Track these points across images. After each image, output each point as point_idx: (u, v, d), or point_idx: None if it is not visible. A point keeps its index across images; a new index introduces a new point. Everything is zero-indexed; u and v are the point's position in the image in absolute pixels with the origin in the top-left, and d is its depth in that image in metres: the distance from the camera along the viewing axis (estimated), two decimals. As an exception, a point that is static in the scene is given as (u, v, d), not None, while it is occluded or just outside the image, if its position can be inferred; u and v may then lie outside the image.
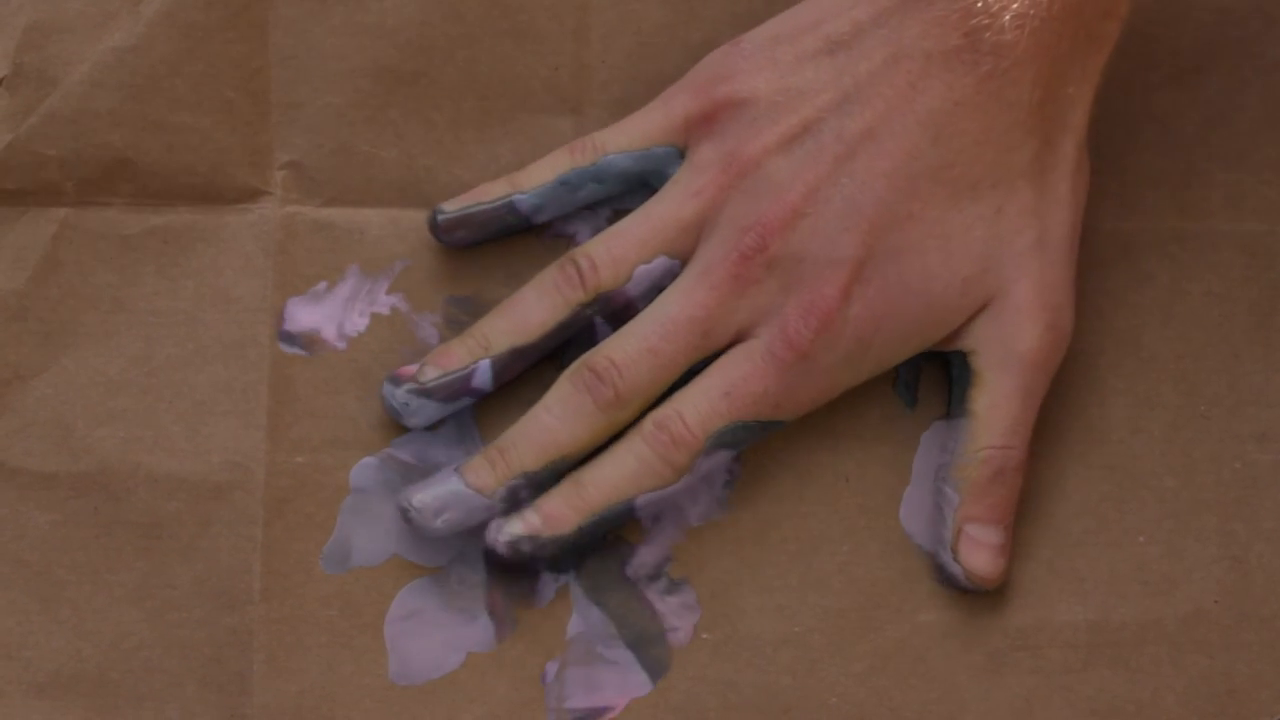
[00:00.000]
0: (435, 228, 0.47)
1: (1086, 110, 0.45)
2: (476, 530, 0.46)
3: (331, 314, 0.48)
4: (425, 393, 0.46)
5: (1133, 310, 0.48)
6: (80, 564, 0.46)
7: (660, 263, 0.46)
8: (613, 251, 0.46)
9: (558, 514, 0.45)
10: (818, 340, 0.44)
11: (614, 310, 0.46)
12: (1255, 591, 0.47)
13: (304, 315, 0.48)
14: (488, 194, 0.47)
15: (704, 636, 0.47)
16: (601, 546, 0.47)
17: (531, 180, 0.47)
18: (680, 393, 0.45)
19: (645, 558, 0.47)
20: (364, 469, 0.47)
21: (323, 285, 0.48)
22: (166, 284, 0.48)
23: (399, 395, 0.46)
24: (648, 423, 0.45)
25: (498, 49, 0.48)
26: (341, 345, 0.48)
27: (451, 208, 0.47)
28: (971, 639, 0.47)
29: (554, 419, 0.45)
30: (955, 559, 0.45)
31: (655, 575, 0.47)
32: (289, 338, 0.47)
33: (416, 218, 0.48)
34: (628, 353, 0.45)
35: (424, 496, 0.45)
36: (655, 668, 0.47)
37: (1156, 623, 0.47)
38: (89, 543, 0.46)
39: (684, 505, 0.47)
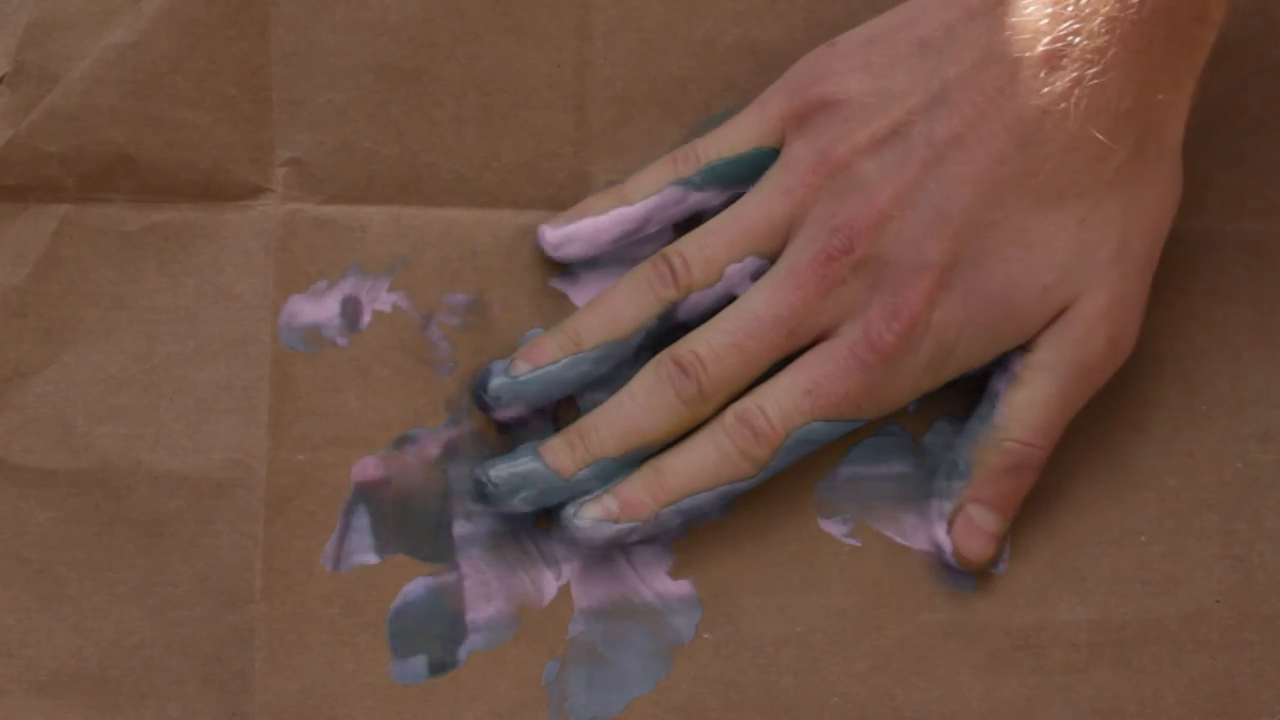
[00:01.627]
0: (545, 245, 0.47)
1: (1179, 119, 0.45)
2: (552, 508, 0.46)
3: (333, 311, 0.47)
4: (517, 386, 0.46)
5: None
6: (81, 562, 0.46)
7: (750, 261, 0.46)
8: (705, 250, 0.46)
9: (635, 500, 0.45)
10: (900, 343, 0.44)
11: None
12: (1257, 591, 0.47)
13: (305, 312, 0.47)
14: (594, 208, 0.47)
15: (705, 636, 0.47)
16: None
17: (638, 192, 0.47)
18: (763, 387, 0.45)
19: (647, 557, 0.47)
20: (365, 467, 0.47)
21: (324, 283, 0.48)
22: (167, 281, 0.47)
23: (491, 387, 0.46)
24: (729, 415, 0.45)
25: (500, 46, 0.48)
26: (343, 343, 0.47)
27: (561, 223, 0.47)
28: (973, 638, 0.47)
29: (637, 407, 0.46)
30: (949, 533, 0.45)
31: (657, 574, 0.47)
32: (290, 335, 0.47)
33: (418, 215, 0.48)
34: (713, 347, 0.45)
35: (502, 472, 0.46)
36: (657, 667, 0.47)
37: (1158, 622, 0.47)
38: (90, 540, 0.46)
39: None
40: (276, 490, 0.47)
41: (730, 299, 0.46)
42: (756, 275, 0.46)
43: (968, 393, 0.47)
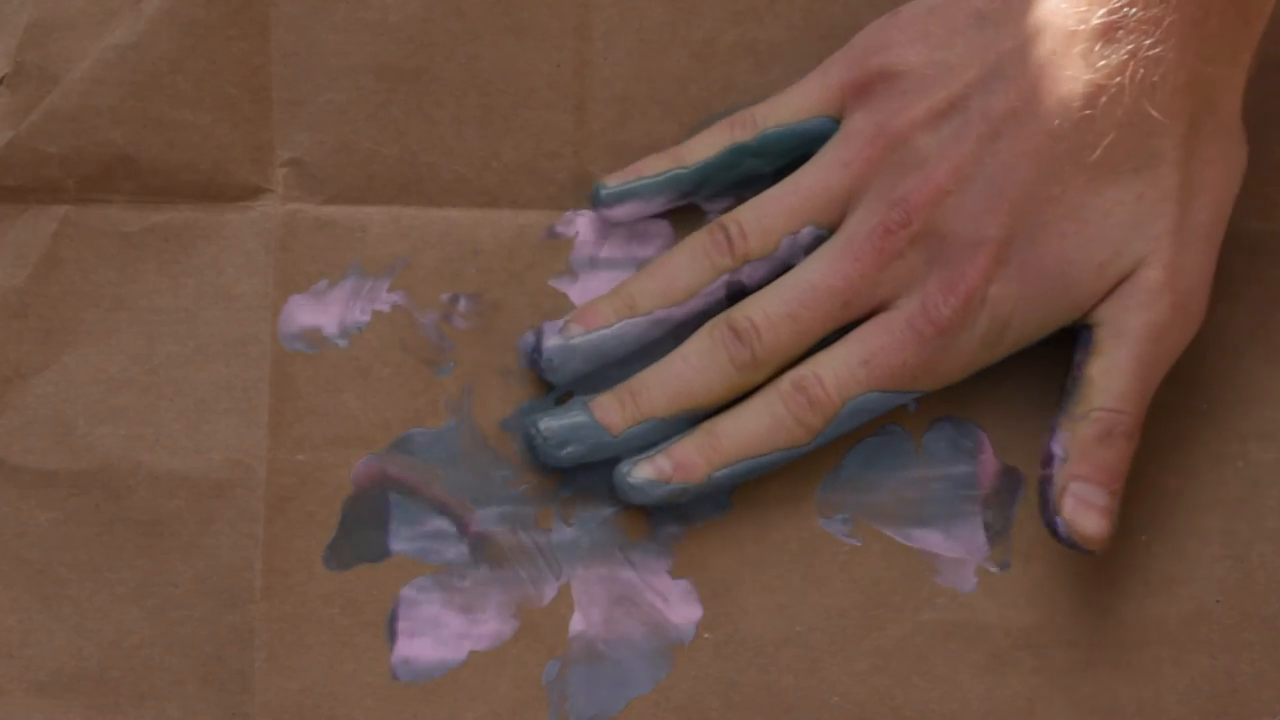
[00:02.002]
0: (598, 202, 0.47)
1: (1236, 92, 0.45)
2: (598, 464, 0.46)
3: (333, 311, 0.48)
4: (569, 349, 0.46)
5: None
6: (81, 562, 0.46)
7: (807, 232, 0.46)
8: (762, 220, 0.46)
9: (689, 462, 0.46)
10: (957, 317, 0.44)
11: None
12: (1257, 591, 0.47)
13: (305, 313, 0.47)
14: (650, 169, 0.47)
15: (706, 636, 0.47)
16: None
17: (694, 155, 0.47)
18: (820, 355, 0.46)
19: (647, 557, 0.47)
20: (365, 467, 0.47)
21: (324, 283, 0.48)
22: (167, 281, 0.47)
23: (546, 350, 0.46)
24: (785, 382, 0.46)
25: (499, 45, 0.48)
26: (343, 343, 0.47)
27: (614, 183, 0.47)
28: (973, 638, 0.47)
29: (690, 369, 0.46)
30: (1059, 515, 0.45)
31: (657, 574, 0.47)
32: (290, 335, 0.47)
33: (418, 215, 0.48)
34: (768, 315, 0.45)
35: (551, 424, 0.46)
36: (657, 667, 0.47)
37: (1158, 622, 0.47)
38: (90, 541, 0.46)
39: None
40: (276, 490, 0.47)
41: (786, 269, 0.46)
42: (813, 246, 0.46)
43: (969, 393, 0.47)
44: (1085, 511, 0.45)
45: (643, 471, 0.46)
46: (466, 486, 0.47)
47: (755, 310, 0.46)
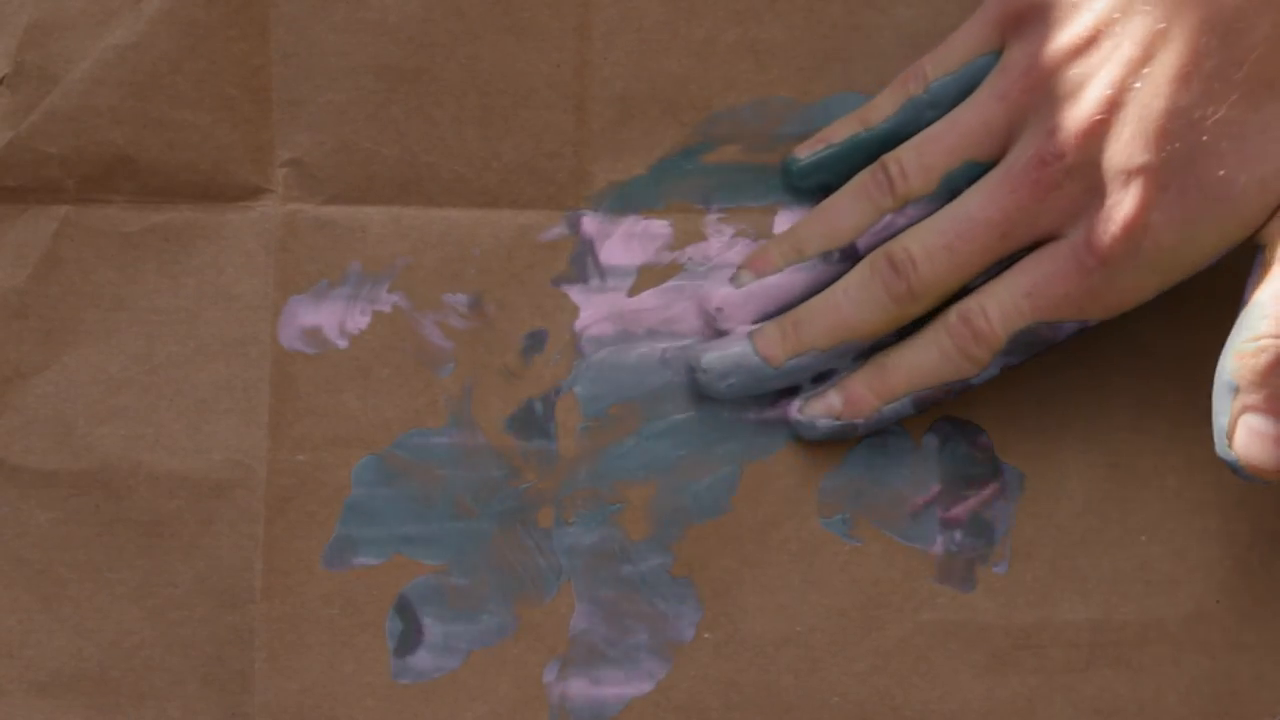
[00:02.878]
0: (791, 175, 0.48)
1: None
2: (758, 397, 0.47)
3: (333, 312, 0.48)
4: (741, 296, 0.47)
5: (1135, 310, 0.48)
6: (81, 562, 0.46)
7: (966, 169, 0.46)
8: (923, 159, 0.46)
9: (859, 397, 0.46)
10: (1118, 247, 0.44)
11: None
12: (1257, 591, 0.47)
13: (305, 313, 0.47)
14: (837, 134, 0.48)
15: (706, 636, 0.47)
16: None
17: (877, 115, 0.48)
18: (984, 288, 0.46)
19: (647, 556, 0.47)
20: (365, 467, 0.47)
21: (324, 283, 0.48)
22: (168, 282, 0.47)
23: (716, 299, 0.47)
24: (952, 314, 0.46)
25: (499, 45, 0.48)
26: (343, 343, 0.48)
27: (806, 154, 0.48)
28: (974, 638, 0.47)
29: (848, 301, 0.46)
30: (1231, 449, 0.44)
31: (657, 574, 0.47)
32: (290, 335, 0.47)
33: (418, 215, 0.48)
34: (926, 247, 0.46)
35: (713, 358, 0.47)
36: (657, 667, 0.47)
37: (1159, 622, 0.47)
38: (90, 541, 0.46)
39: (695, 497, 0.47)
40: (276, 490, 0.47)
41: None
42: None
43: (969, 392, 0.47)
44: (1256, 443, 0.44)
45: (813, 408, 0.47)
46: (466, 486, 0.47)
47: (913, 242, 0.46)
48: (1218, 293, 0.47)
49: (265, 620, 0.46)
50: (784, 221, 0.48)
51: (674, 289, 0.48)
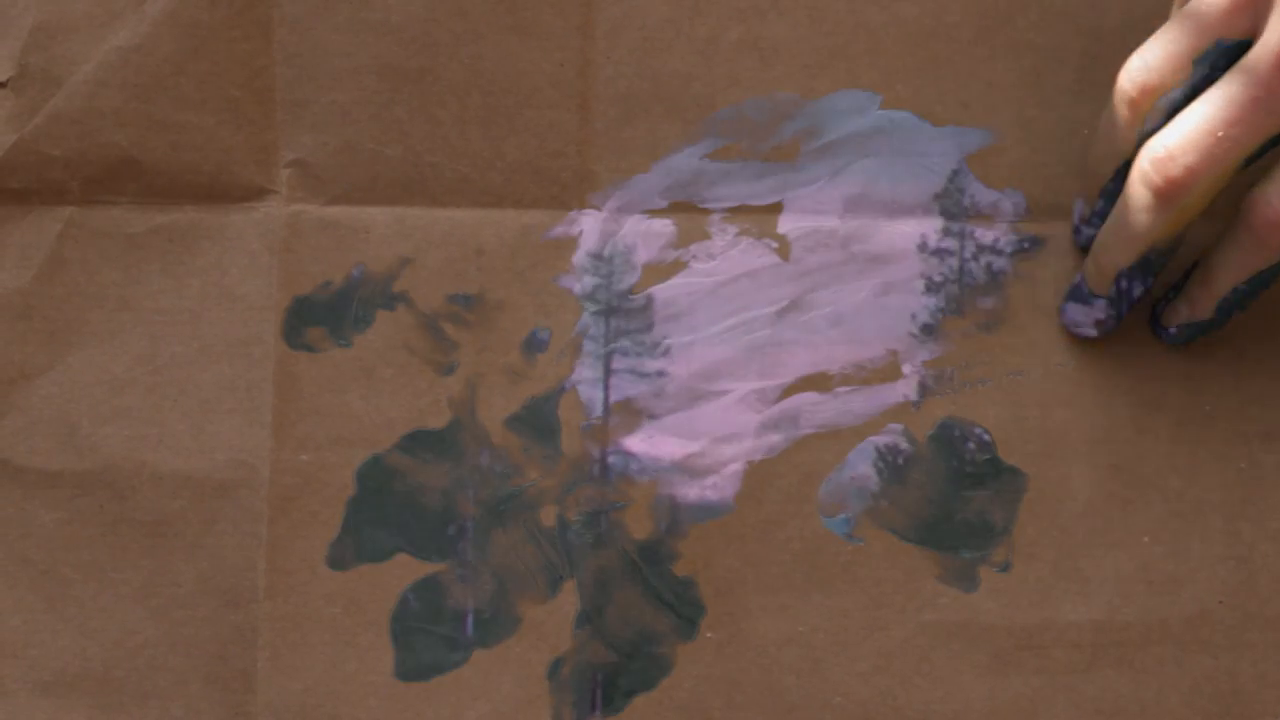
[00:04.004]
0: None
1: None
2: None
3: (337, 312, 0.48)
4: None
5: (1136, 310, 0.48)
6: (85, 562, 0.47)
7: (1218, 47, 0.45)
8: (1170, 46, 0.45)
9: (1199, 301, 0.47)
10: None
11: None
12: (1260, 592, 0.47)
13: (309, 313, 0.48)
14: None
15: (708, 635, 0.47)
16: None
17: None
18: (1273, 174, 0.44)
19: (650, 555, 0.47)
20: (369, 466, 0.47)
21: (328, 283, 0.48)
22: (171, 282, 0.48)
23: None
24: (1245, 207, 0.45)
25: (503, 45, 0.48)
26: (346, 343, 0.48)
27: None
28: (976, 639, 0.47)
29: (1130, 214, 0.46)
30: None
31: (660, 574, 0.47)
32: (294, 336, 0.48)
33: (422, 215, 0.48)
34: (1186, 138, 0.44)
35: (1072, 305, 0.48)
36: (659, 666, 0.47)
37: (1161, 623, 0.47)
38: (94, 541, 0.47)
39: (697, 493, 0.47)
40: (280, 490, 0.47)
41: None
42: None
43: (969, 393, 0.47)
44: None
45: (1169, 320, 0.48)
46: (470, 485, 0.47)
47: (1171, 136, 0.44)
48: (1220, 292, 0.47)
49: (268, 619, 0.46)
50: (788, 220, 0.48)
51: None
